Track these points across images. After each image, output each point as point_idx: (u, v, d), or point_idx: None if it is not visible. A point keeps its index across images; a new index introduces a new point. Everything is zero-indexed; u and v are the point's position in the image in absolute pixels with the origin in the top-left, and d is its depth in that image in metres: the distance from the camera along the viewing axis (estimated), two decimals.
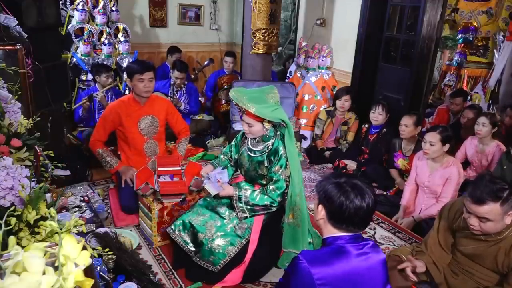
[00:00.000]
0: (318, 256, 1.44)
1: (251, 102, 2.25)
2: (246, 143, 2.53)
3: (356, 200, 1.44)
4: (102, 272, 1.89)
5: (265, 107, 2.27)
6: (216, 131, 4.95)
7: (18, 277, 0.64)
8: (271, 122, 2.33)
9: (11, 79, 2.01)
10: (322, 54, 4.86)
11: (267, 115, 2.27)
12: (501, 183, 1.73)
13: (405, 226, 3.11)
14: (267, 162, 2.41)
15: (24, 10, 2.66)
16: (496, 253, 1.83)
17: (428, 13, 3.83)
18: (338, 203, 1.45)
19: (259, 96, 2.32)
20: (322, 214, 1.50)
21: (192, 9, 5.92)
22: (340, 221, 1.48)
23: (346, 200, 1.44)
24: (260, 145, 2.44)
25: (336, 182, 1.49)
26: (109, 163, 3.15)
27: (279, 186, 2.35)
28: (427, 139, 2.95)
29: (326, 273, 1.38)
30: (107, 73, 4.04)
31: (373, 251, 1.49)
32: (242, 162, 2.56)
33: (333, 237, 1.50)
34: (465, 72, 5.69)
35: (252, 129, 2.35)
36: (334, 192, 1.46)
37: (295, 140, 2.48)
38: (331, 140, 4.51)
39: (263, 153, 2.42)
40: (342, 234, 1.49)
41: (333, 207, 1.46)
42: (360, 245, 1.49)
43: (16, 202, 1.18)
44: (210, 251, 2.33)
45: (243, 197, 2.36)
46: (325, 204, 1.49)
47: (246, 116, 2.32)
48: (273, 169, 2.37)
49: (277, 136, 2.41)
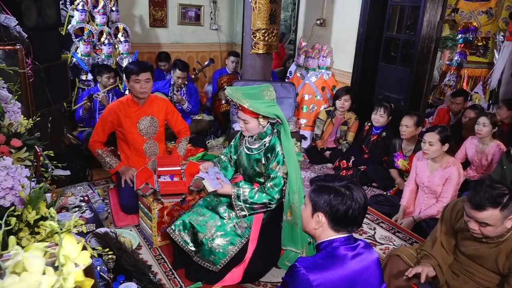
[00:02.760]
0: (315, 262, 1.44)
1: (245, 97, 2.27)
2: (244, 142, 2.53)
3: (359, 199, 1.46)
4: (102, 272, 1.89)
5: (259, 102, 2.28)
6: (216, 131, 4.95)
7: (18, 277, 0.64)
8: (266, 118, 2.33)
9: (11, 79, 2.01)
10: (322, 54, 4.86)
11: (261, 110, 2.27)
12: (500, 188, 1.72)
13: (405, 226, 3.11)
14: (264, 159, 2.41)
15: (24, 10, 2.66)
16: (497, 255, 1.82)
17: (428, 13, 3.83)
18: (344, 209, 1.45)
19: (254, 92, 2.34)
20: (323, 221, 1.49)
21: (192, 9, 5.92)
22: (345, 225, 1.49)
23: (352, 202, 1.45)
24: (257, 143, 2.44)
25: (333, 188, 1.49)
26: (108, 163, 3.15)
27: (276, 183, 2.35)
28: (426, 139, 2.95)
29: (324, 279, 1.39)
30: (109, 73, 4.05)
31: (366, 251, 1.51)
32: (240, 161, 2.57)
33: (327, 241, 1.50)
34: (465, 72, 5.68)
35: (248, 126, 2.36)
36: (338, 200, 1.46)
37: (295, 140, 2.48)
38: (331, 140, 4.51)
39: (260, 150, 2.42)
40: (337, 236, 1.50)
41: (339, 213, 1.46)
42: (354, 246, 1.50)
43: (16, 202, 1.18)
44: (210, 251, 2.33)
45: (242, 195, 2.37)
46: (328, 212, 1.48)
47: (241, 112, 2.33)
48: (270, 166, 2.37)
49: (274, 134, 2.42)
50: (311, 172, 4.16)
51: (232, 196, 2.39)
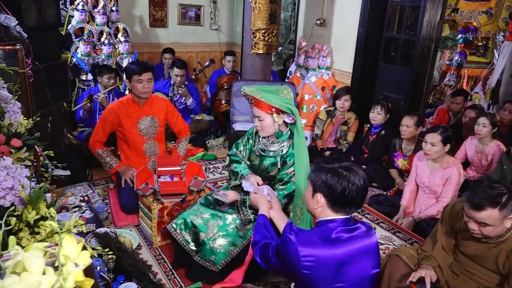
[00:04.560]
0: (309, 237, 1.50)
1: (259, 90, 2.24)
2: (258, 143, 2.48)
3: (356, 181, 1.51)
4: (102, 272, 1.89)
5: (273, 96, 2.24)
6: (216, 131, 4.95)
7: (18, 277, 0.64)
8: (280, 114, 2.25)
9: (11, 79, 2.01)
10: (322, 54, 4.86)
11: (272, 101, 2.21)
12: (499, 188, 1.72)
13: (405, 227, 3.11)
14: (281, 163, 2.37)
15: (24, 10, 2.66)
16: (497, 255, 1.82)
17: (428, 13, 3.83)
18: (341, 189, 1.49)
19: (270, 89, 2.31)
20: (322, 202, 1.54)
21: (192, 9, 5.92)
22: (342, 205, 1.53)
23: (348, 183, 1.49)
24: (275, 146, 2.38)
25: (331, 169, 1.53)
26: (109, 163, 3.15)
27: (287, 187, 2.31)
28: (428, 140, 2.94)
29: (312, 254, 1.45)
30: (110, 74, 4.04)
31: (365, 236, 1.54)
32: (251, 162, 2.52)
33: (325, 220, 1.55)
34: (465, 72, 5.69)
35: (263, 124, 2.30)
36: (334, 180, 1.51)
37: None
38: (331, 140, 4.51)
39: (277, 154, 2.38)
40: (337, 217, 1.54)
41: (336, 193, 1.50)
42: (351, 228, 1.53)
43: (16, 202, 1.18)
44: (212, 251, 2.33)
45: (248, 201, 2.34)
46: (326, 192, 1.52)
47: (255, 108, 2.28)
48: (286, 171, 2.33)
49: (293, 139, 2.36)
50: None
51: (238, 202, 2.37)
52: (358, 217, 3.29)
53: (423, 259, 2.02)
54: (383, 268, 2.08)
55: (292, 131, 2.35)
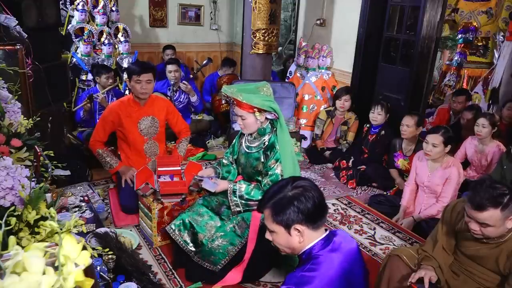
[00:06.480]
0: (302, 276, 1.42)
1: (240, 91, 2.28)
2: (243, 141, 2.54)
3: (307, 186, 1.49)
4: (102, 272, 1.88)
5: (254, 96, 2.29)
6: (216, 131, 4.95)
7: (18, 277, 0.63)
8: (262, 112, 2.31)
9: (11, 79, 2.01)
10: (322, 54, 4.86)
11: (254, 102, 2.27)
12: (501, 188, 1.71)
13: (405, 227, 3.11)
14: (264, 157, 2.41)
15: (24, 10, 2.66)
16: (498, 255, 1.82)
17: (428, 13, 3.83)
18: (312, 203, 1.45)
19: (250, 88, 2.35)
20: (302, 229, 1.46)
21: (192, 9, 5.92)
22: (320, 216, 1.49)
23: (310, 194, 1.46)
24: (257, 141, 2.44)
25: (289, 198, 1.47)
26: (109, 163, 3.15)
27: (273, 180, 2.33)
28: (430, 141, 2.93)
29: None
30: (107, 74, 4.04)
31: (346, 243, 1.50)
32: (239, 160, 2.57)
33: (308, 249, 1.49)
34: (465, 72, 5.68)
35: (245, 122, 2.35)
36: (301, 202, 1.45)
37: (295, 140, 2.48)
38: (331, 140, 4.51)
39: (259, 148, 2.42)
40: (317, 239, 1.49)
41: (311, 210, 1.45)
42: (333, 244, 1.49)
43: (16, 202, 1.18)
44: (211, 251, 2.33)
45: (238, 191, 2.37)
46: (301, 218, 1.45)
47: (238, 108, 2.33)
48: (269, 163, 2.37)
49: (273, 132, 2.42)
50: (311, 172, 4.16)
51: (228, 191, 2.40)
52: (358, 217, 3.30)
53: (424, 259, 2.02)
54: (383, 268, 2.08)
55: (273, 125, 2.41)
